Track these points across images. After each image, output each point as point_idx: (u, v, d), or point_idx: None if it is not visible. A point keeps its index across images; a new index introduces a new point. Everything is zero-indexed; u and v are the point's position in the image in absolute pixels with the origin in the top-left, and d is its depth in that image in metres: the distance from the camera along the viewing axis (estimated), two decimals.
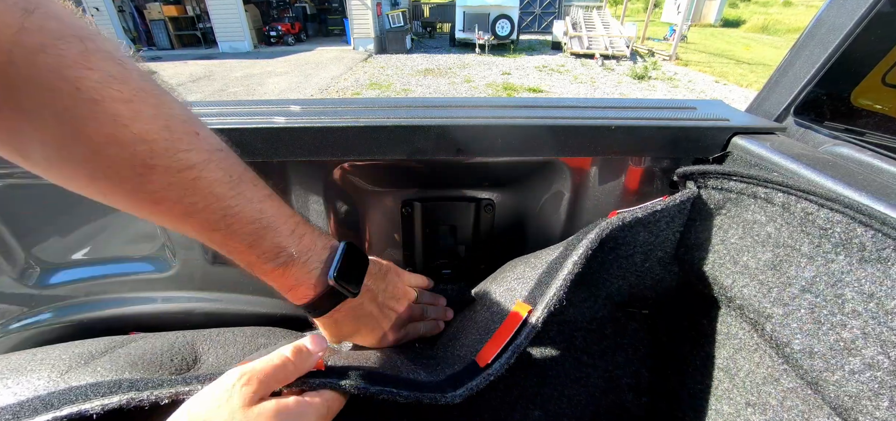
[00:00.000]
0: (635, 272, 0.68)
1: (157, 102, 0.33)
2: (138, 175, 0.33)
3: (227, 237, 0.38)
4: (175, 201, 0.35)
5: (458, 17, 12.83)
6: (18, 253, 0.73)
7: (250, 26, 13.19)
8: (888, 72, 0.68)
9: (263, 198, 0.40)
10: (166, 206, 0.35)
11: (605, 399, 0.70)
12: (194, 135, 0.35)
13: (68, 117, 0.29)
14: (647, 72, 9.71)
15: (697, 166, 0.59)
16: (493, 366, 0.45)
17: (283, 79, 9.06)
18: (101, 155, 0.31)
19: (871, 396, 0.40)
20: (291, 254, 0.42)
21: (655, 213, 0.58)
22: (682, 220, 0.62)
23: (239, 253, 0.40)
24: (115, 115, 0.30)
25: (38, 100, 0.29)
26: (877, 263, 0.41)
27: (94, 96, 0.29)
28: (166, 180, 0.34)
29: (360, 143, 0.60)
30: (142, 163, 0.32)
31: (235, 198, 0.37)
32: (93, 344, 0.60)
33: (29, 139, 0.31)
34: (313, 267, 0.43)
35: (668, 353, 0.72)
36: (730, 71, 10.43)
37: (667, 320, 0.73)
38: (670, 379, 0.70)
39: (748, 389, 0.57)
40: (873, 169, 0.53)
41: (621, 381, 0.72)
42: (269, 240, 0.40)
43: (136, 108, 0.32)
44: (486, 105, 0.70)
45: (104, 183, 0.33)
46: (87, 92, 0.29)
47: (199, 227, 0.37)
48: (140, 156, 0.32)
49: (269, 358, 0.37)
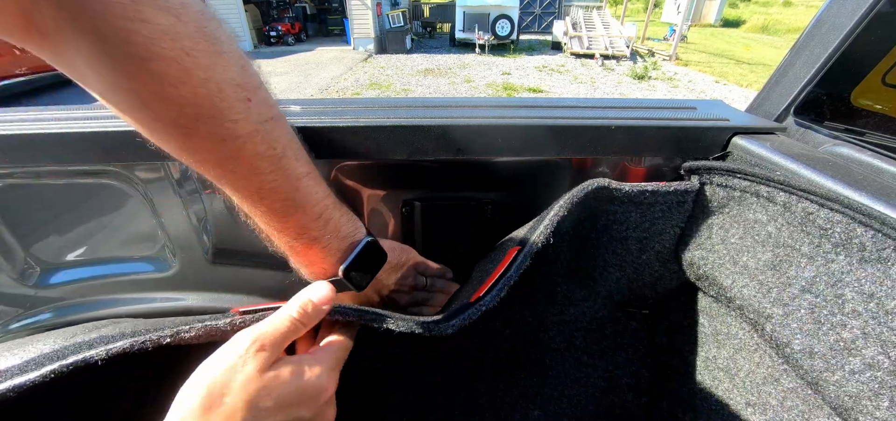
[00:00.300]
0: (632, 264, 0.68)
1: (211, 64, 0.31)
2: (183, 134, 0.32)
3: (256, 205, 0.39)
4: (214, 165, 0.35)
5: (458, 17, 12.83)
6: (18, 253, 0.73)
7: (250, 26, 13.18)
8: (888, 72, 0.68)
9: (301, 176, 0.40)
10: (206, 167, 0.35)
11: (604, 399, 0.70)
12: (245, 102, 0.34)
13: (116, 69, 0.29)
14: (647, 72, 9.71)
15: (704, 162, 0.59)
16: (484, 299, 0.45)
17: (283, 79, 9.06)
18: (147, 108, 0.31)
19: (871, 396, 0.40)
20: (314, 236, 0.43)
21: (645, 193, 0.59)
22: (681, 214, 0.62)
23: (265, 220, 0.41)
24: (163, 73, 0.29)
25: (87, 44, 0.27)
26: (877, 263, 0.41)
27: (142, 53, 0.28)
28: (209, 145, 0.33)
29: (360, 143, 0.60)
30: (186, 125, 0.32)
31: (273, 173, 0.37)
32: (92, 326, 0.60)
33: (84, 74, 0.30)
34: (331, 253, 0.45)
35: (668, 353, 0.72)
36: (730, 71, 10.43)
37: (667, 320, 0.73)
38: (670, 379, 0.70)
39: (748, 389, 0.57)
40: (873, 169, 0.53)
41: (621, 381, 0.72)
42: (297, 219, 0.41)
43: (187, 67, 0.30)
44: (486, 105, 0.70)
45: (148, 128, 0.33)
46: (136, 46, 0.28)
47: (232, 190, 0.38)
48: (186, 117, 0.31)
49: (279, 321, 0.37)
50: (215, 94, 0.31)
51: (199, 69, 0.30)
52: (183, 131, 0.32)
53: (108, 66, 0.29)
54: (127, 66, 0.28)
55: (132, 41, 0.27)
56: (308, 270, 0.46)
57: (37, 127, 0.56)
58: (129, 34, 0.27)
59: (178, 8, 0.29)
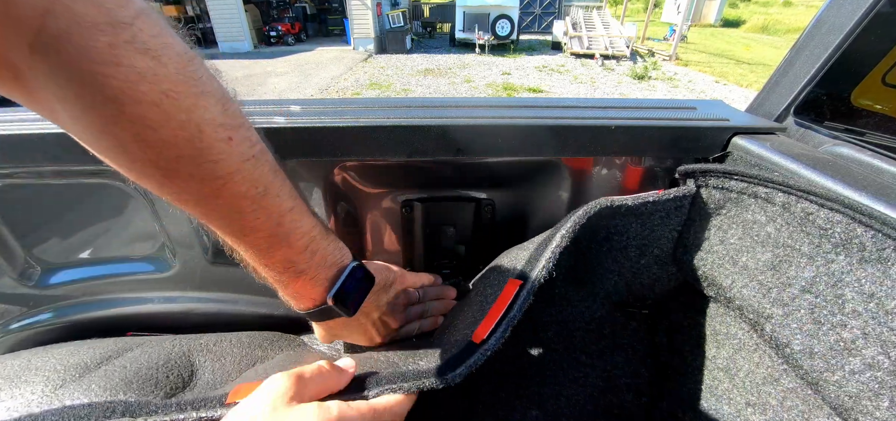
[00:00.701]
0: (631, 269, 0.68)
1: (191, 105, 0.31)
2: (162, 175, 0.32)
3: (239, 242, 0.39)
4: (195, 204, 0.35)
5: (458, 17, 12.83)
6: (18, 253, 0.73)
7: (250, 26, 13.18)
8: (888, 72, 0.68)
9: (284, 211, 0.39)
10: (187, 206, 0.35)
11: (603, 399, 0.70)
12: (227, 141, 0.33)
13: (92, 113, 0.28)
14: (647, 72, 9.71)
15: (699, 165, 0.59)
16: (488, 341, 0.45)
17: (284, 79, 9.06)
18: (126, 151, 0.31)
19: (871, 396, 0.40)
20: (301, 269, 0.42)
21: (646, 203, 0.58)
22: (678, 218, 0.62)
23: (250, 256, 0.40)
24: (142, 117, 0.29)
25: (62, 90, 0.27)
26: (877, 263, 0.41)
27: (118, 96, 0.27)
28: (189, 186, 0.33)
29: (360, 143, 0.60)
30: (166, 166, 0.31)
31: (255, 213, 0.37)
32: (88, 351, 0.60)
33: (61, 119, 0.30)
34: (318, 283, 0.44)
35: (668, 353, 0.72)
36: (730, 71, 10.43)
37: (666, 320, 0.73)
38: (670, 379, 0.70)
39: (748, 389, 0.57)
40: (873, 169, 0.53)
41: (620, 381, 0.72)
42: (282, 253, 0.40)
43: (166, 110, 0.29)
44: (485, 105, 0.70)
45: (129, 171, 0.33)
46: (111, 91, 0.27)
47: (215, 227, 0.37)
48: (165, 159, 0.31)
49: (311, 367, 0.38)
50: (195, 137, 0.31)
51: (178, 112, 0.30)
52: (162, 172, 0.32)
53: (85, 111, 0.28)
54: (104, 111, 0.28)
55: (109, 85, 0.27)
56: (296, 302, 0.45)
57: (37, 127, 0.57)
58: (106, 79, 0.27)
59: (158, 50, 0.29)
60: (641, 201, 0.58)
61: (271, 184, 0.38)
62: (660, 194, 0.59)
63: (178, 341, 0.64)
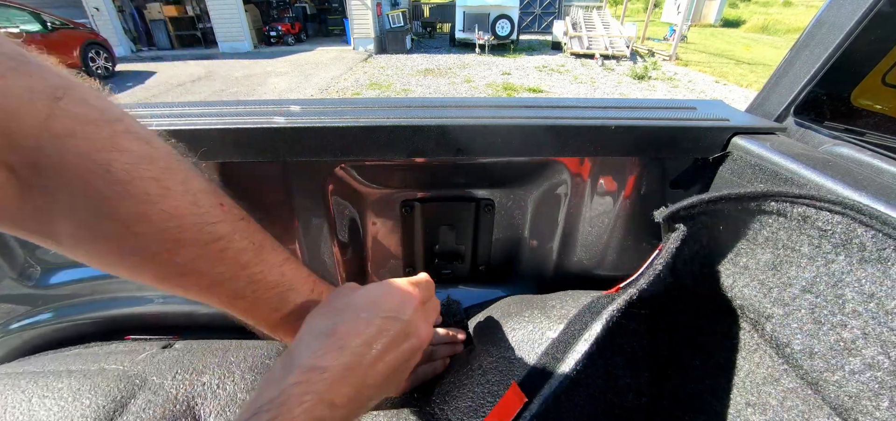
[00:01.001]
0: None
1: (185, 178, 0.34)
2: (167, 250, 0.33)
3: (252, 304, 0.40)
4: (203, 273, 0.36)
5: (458, 18, 12.83)
6: (18, 253, 0.73)
7: (250, 26, 13.20)
8: (888, 72, 0.68)
9: (283, 261, 0.41)
10: (194, 279, 0.36)
11: (603, 399, 0.70)
12: (220, 207, 0.36)
13: (99, 198, 0.30)
14: (647, 72, 9.71)
15: (681, 204, 0.55)
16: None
17: (283, 79, 9.06)
18: (131, 232, 0.32)
19: (872, 397, 0.40)
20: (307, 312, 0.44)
21: (655, 265, 0.56)
22: (675, 244, 0.61)
23: (264, 316, 0.41)
24: (145, 193, 0.31)
25: (69, 183, 0.29)
26: (877, 263, 0.41)
27: (123, 177, 0.30)
28: (195, 253, 0.35)
29: (360, 143, 0.60)
30: (171, 238, 0.33)
31: (259, 264, 0.39)
32: (80, 383, 0.58)
33: (58, 219, 0.31)
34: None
35: (668, 353, 0.72)
36: (730, 71, 10.43)
37: (666, 320, 0.73)
38: (670, 379, 0.70)
39: (748, 389, 0.57)
40: (873, 169, 0.53)
41: (620, 381, 0.72)
42: (292, 301, 0.42)
43: (166, 185, 0.32)
44: (485, 105, 0.70)
45: (133, 258, 0.34)
46: (117, 173, 0.30)
47: (225, 296, 0.38)
48: (170, 231, 0.33)
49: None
50: (193, 205, 0.34)
51: (176, 184, 0.33)
52: (168, 246, 0.33)
53: (90, 198, 0.30)
54: (110, 190, 0.30)
55: (112, 170, 0.30)
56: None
57: None
58: (110, 164, 0.30)
59: (148, 136, 0.33)
60: (653, 276, 0.56)
61: (265, 238, 0.41)
62: (661, 251, 0.57)
63: (181, 385, 0.60)
